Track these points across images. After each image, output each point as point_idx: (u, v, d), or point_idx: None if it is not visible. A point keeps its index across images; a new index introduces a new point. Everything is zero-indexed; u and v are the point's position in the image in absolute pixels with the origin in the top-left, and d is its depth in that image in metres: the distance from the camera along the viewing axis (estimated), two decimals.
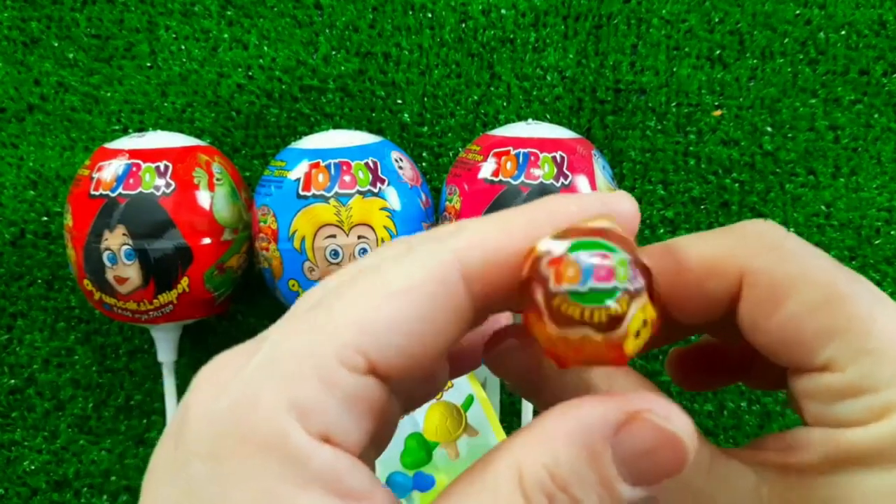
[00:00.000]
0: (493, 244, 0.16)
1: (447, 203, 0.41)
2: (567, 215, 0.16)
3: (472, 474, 0.16)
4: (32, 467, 0.47)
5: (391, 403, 0.16)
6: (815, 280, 0.18)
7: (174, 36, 0.49)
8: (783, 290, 0.18)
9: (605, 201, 0.17)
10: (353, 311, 0.15)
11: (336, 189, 0.38)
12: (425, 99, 0.48)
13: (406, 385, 0.17)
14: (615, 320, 0.14)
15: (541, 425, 0.15)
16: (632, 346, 0.15)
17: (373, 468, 0.16)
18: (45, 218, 0.48)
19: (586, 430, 0.15)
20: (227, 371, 0.15)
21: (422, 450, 0.40)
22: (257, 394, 0.14)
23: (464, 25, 0.48)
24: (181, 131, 0.45)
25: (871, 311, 0.17)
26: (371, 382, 0.15)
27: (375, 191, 0.39)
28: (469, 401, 0.42)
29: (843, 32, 0.47)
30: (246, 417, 0.14)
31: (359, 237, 0.38)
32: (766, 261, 0.18)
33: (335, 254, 0.38)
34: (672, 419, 0.15)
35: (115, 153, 0.40)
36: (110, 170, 0.40)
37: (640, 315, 0.14)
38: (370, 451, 0.16)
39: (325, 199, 0.38)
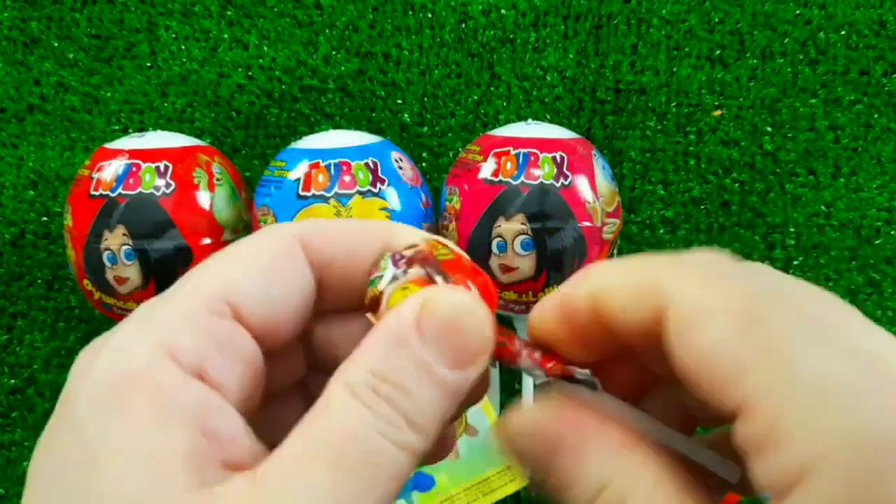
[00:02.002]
0: (331, 224, 0.20)
1: (447, 203, 0.41)
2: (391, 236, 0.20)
3: (315, 405, 0.17)
4: None
5: (260, 360, 0.18)
6: (733, 306, 0.16)
7: (174, 36, 0.49)
8: (700, 319, 0.16)
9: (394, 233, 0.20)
10: (215, 271, 0.17)
11: (336, 189, 0.38)
12: (425, 99, 0.48)
13: (270, 349, 0.19)
14: (375, 300, 0.18)
15: (358, 349, 0.17)
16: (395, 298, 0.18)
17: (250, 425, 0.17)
18: (45, 218, 0.48)
19: (393, 327, 0.17)
20: (102, 337, 0.17)
21: None
22: (131, 343, 0.16)
23: (464, 25, 0.48)
24: (181, 131, 0.45)
25: (793, 340, 0.15)
26: (238, 329, 0.17)
27: (375, 191, 0.39)
28: None
29: (843, 32, 0.47)
30: (121, 361, 0.16)
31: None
32: (688, 288, 0.17)
33: None
34: (461, 297, 0.17)
35: (115, 153, 0.40)
36: (110, 170, 0.40)
37: (398, 294, 0.18)
38: (244, 405, 0.17)
39: (325, 200, 0.38)
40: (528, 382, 0.42)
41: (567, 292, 0.19)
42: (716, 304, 0.16)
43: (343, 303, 0.20)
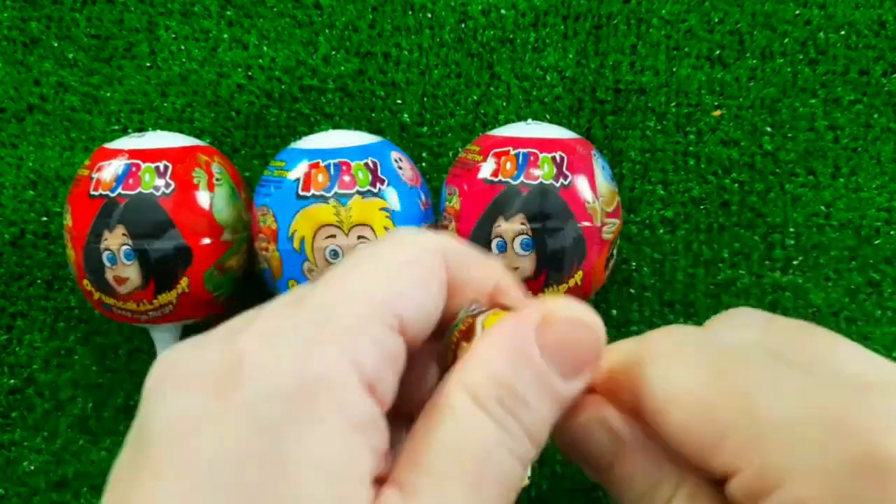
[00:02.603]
0: (465, 248, 0.20)
1: (447, 203, 0.41)
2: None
3: (428, 412, 0.17)
4: (32, 467, 0.47)
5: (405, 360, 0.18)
6: (701, 374, 0.17)
7: (174, 36, 0.49)
8: (669, 400, 0.17)
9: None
10: (380, 280, 0.17)
11: (336, 189, 0.38)
12: (425, 99, 0.48)
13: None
14: (468, 330, 0.19)
15: (474, 354, 0.17)
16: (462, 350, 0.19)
17: None
18: (45, 218, 0.48)
19: (515, 338, 0.17)
20: (272, 329, 0.16)
21: None
22: (317, 347, 0.16)
23: (463, 25, 0.48)
24: (181, 131, 0.45)
25: (761, 393, 0.16)
26: (402, 342, 0.17)
27: (375, 191, 0.39)
28: None
29: (842, 32, 0.47)
30: (311, 366, 0.15)
31: (358, 238, 0.38)
32: (654, 370, 0.18)
33: (335, 254, 0.38)
34: (579, 311, 0.18)
35: (115, 153, 0.40)
36: (110, 170, 0.40)
37: (490, 319, 0.19)
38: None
39: (325, 200, 0.38)
40: None
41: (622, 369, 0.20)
42: (685, 377, 0.18)
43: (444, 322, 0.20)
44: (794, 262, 0.46)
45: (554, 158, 0.39)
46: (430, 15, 0.48)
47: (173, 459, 0.14)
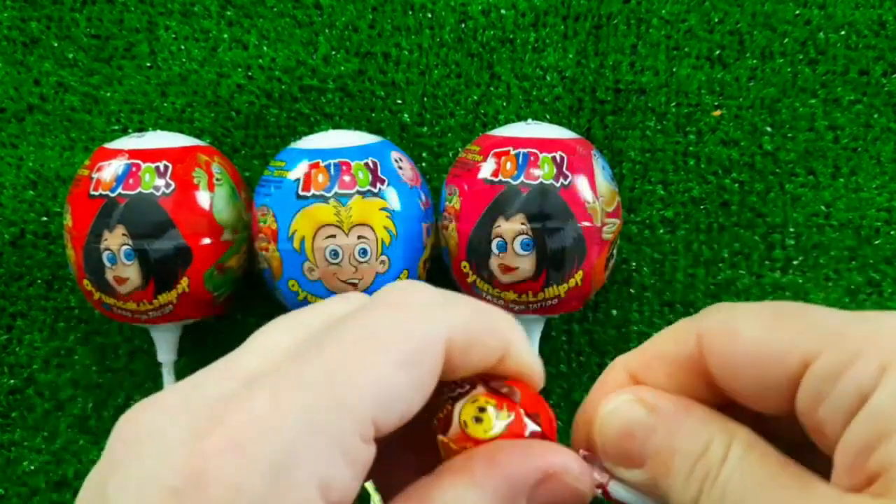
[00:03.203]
0: (475, 328, 0.18)
1: (447, 203, 0.41)
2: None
3: None
4: (32, 467, 0.47)
5: None
6: (760, 308, 0.18)
7: (174, 36, 0.49)
8: (736, 325, 0.18)
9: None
10: (369, 384, 0.16)
11: (336, 189, 0.38)
12: (425, 99, 0.48)
13: None
14: (446, 418, 0.18)
15: (469, 468, 0.17)
16: (476, 430, 0.18)
17: None
18: (45, 218, 0.48)
19: (510, 482, 0.17)
20: (250, 442, 0.15)
21: None
22: (292, 473, 0.14)
23: (463, 25, 0.48)
24: (181, 131, 0.45)
25: (821, 311, 0.17)
26: (373, 450, 0.16)
27: (375, 191, 0.39)
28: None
29: (842, 32, 0.47)
30: (282, 498, 0.14)
31: (358, 237, 0.38)
32: (714, 315, 0.18)
33: (335, 254, 0.38)
34: (581, 481, 0.18)
35: (115, 153, 0.40)
36: (110, 170, 0.40)
37: (467, 409, 0.18)
38: None
39: (325, 200, 0.38)
40: None
41: (604, 380, 0.20)
42: (743, 314, 0.18)
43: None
44: (794, 262, 0.46)
45: (554, 158, 0.39)
46: (430, 15, 0.48)
47: None
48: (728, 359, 0.18)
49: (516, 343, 0.19)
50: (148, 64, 0.49)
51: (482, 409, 0.18)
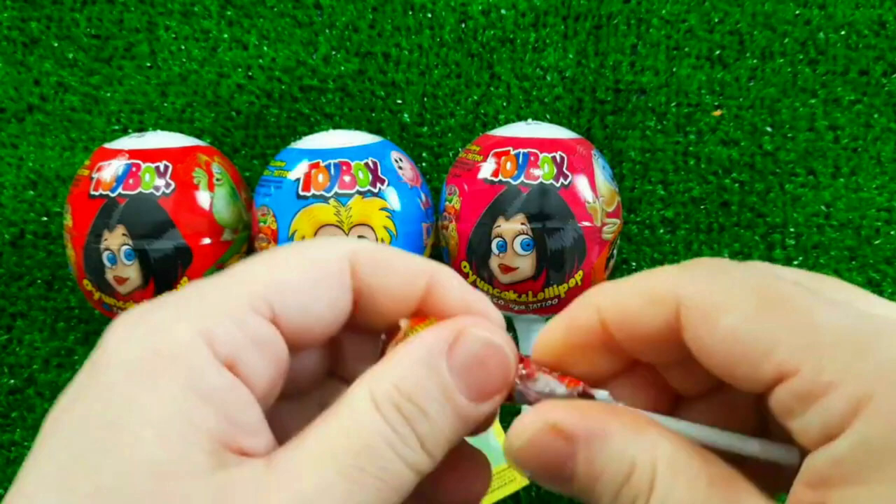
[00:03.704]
0: (384, 255, 0.19)
1: (447, 203, 0.41)
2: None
3: (333, 406, 0.17)
4: None
5: (286, 360, 0.18)
6: (747, 290, 0.17)
7: (174, 36, 0.49)
8: (717, 307, 0.17)
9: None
10: (266, 270, 0.18)
11: (336, 189, 0.38)
12: (425, 99, 0.48)
13: (296, 352, 0.19)
14: (394, 332, 0.19)
15: (389, 356, 0.18)
16: None
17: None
18: (45, 218, 0.48)
19: (426, 350, 0.18)
20: (140, 312, 0.17)
21: None
22: (172, 323, 0.17)
23: (464, 25, 0.48)
24: (181, 131, 0.45)
25: (810, 307, 0.16)
26: (274, 331, 0.18)
27: (375, 191, 0.39)
28: None
29: (843, 32, 0.47)
30: (159, 338, 0.16)
31: (359, 237, 0.38)
32: (699, 284, 0.18)
33: None
34: (494, 334, 0.18)
35: (115, 153, 0.40)
36: (110, 170, 0.40)
37: (418, 327, 0.19)
38: (265, 401, 0.18)
39: (325, 200, 0.38)
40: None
41: (573, 314, 0.20)
42: (729, 293, 0.17)
43: (375, 326, 0.20)
44: (795, 263, 0.46)
45: (554, 158, 0.39)
46: (430, 15, 0.48)
47: (53, 429, 0.16)
48: (704, 343, 0.17)
49: (441, 276, 0.20)
50: (148, 64, 0.49)
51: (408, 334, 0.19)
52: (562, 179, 0.39)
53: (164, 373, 0.16)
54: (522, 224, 0.38)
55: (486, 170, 0.39)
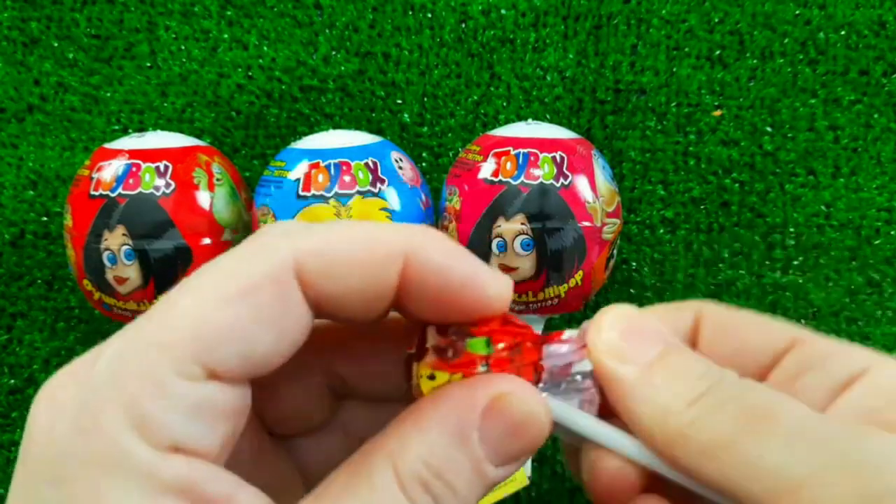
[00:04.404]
0: (335, 249, 0.16)
1: (447, 203, 0.41)
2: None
3: (350, 468, 0.16)
4: None
5: (244, 405, 0.16)
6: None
7: (174, 36, 0.49)
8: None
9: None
10: (188, 320, 0.15)
11: (336, 189, 0.38)
12: (425, 99, 0.48)
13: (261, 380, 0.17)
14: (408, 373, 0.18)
15: (414, 416, 0.16)
16: (425, 386, 0.17)
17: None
18: (45, 218, 0.48)
19: (456, 419, 0.16)
20: (65, 390, 0.15)
21: None
22: (96, 414, 0.14)
23: (464, 25, 0.48)
24: (181, 131, 0.45)
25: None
26: (214, 388, 0.15)
27: (375, 191, 0.39)
28: None
29: (843, 32, 0.47)
30: (87, 438, 0.14)
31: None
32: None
33: None
34: (532, 399, 0.17)
35: (115, 153, 0.40)
36: (110, 170, 0.40)
37: (421, 371, 0.17)
38: (232, 455, 0.16)
39: (325, 200, 0.38)
40: None
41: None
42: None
43: (373, 328, 0.18)
44: (795, 262, 0.46)
45: (554, 158, 0.39)
46: (430, 15, 0.48)
47: None
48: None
49: (422, 248, 0.16)
50: (148, 64, 0.49)
51: (431, 378, 0.17)
52: (562, 179, 0.39)
53: (101, 484, 0.14)
54: (522, 224, 0.38)
55: (486, 170, 0.39)
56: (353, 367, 0.20)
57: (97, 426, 0.14)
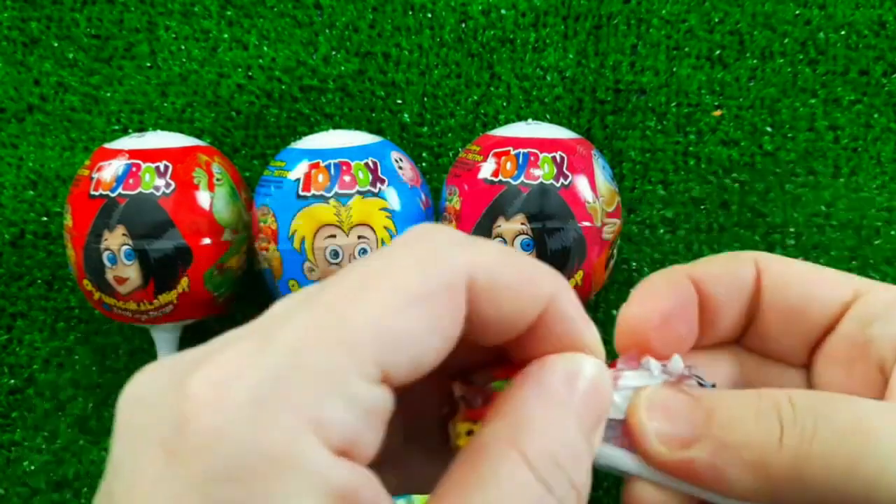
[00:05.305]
0: (505, 273, 0.16)
1: (447, 203, 0.41)
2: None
3: (464, 468, 0.15)
4: (32, 468, 0.47)
5: (392, 411, 0.16)
6: None
7: (174, 36, 0.49)
8: (789, 262, 0.22)
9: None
10: (371, 321, 0.14)
11: (336, 189, 0.38)
12: (425, 99, 0.48)
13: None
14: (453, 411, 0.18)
15: (528, 413, 0.16)
16: (464, 442, 0.18)
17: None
18: (45, 218, 0.48)
19: (564, 399, 0.16)
20: (230, 380, 0.14)
21: None
22: (275, 410, 0.13)
23: (464, 25, 0.48)
24: (181, 131, 0.45)
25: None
26: (384, 392, 0.15)
27: (375, 191, 0.39)
28: None
29: (843, 32, 0.47)
30: (266, 437, 0.13)
31: (359, 237, 0.38)
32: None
33: (335, 254, 0.38)
34: (597, 361, 0.17)
35: (115, 153, 0.40)
36: (110, 170, 0.40)
37: (459, 429, 0.18)
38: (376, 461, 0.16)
39: (325, 200, 0.38)
40: None
41: (659, 281, 0.22)
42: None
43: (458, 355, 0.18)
44: None
45: (554, 158, 0.39)
46: (430, 15, 0.48)
47: None
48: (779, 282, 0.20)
49: (562, 297, 0.17)
50: (148, 64, 0.49)
51: (470, 433, 0.17)
52: (562, 179, 0.39)
53: (282, 484, 0.13)
54: (522, 224, 0.38)
55: (486, 170, 0.39)
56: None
57: (275, 422, 0.13)
